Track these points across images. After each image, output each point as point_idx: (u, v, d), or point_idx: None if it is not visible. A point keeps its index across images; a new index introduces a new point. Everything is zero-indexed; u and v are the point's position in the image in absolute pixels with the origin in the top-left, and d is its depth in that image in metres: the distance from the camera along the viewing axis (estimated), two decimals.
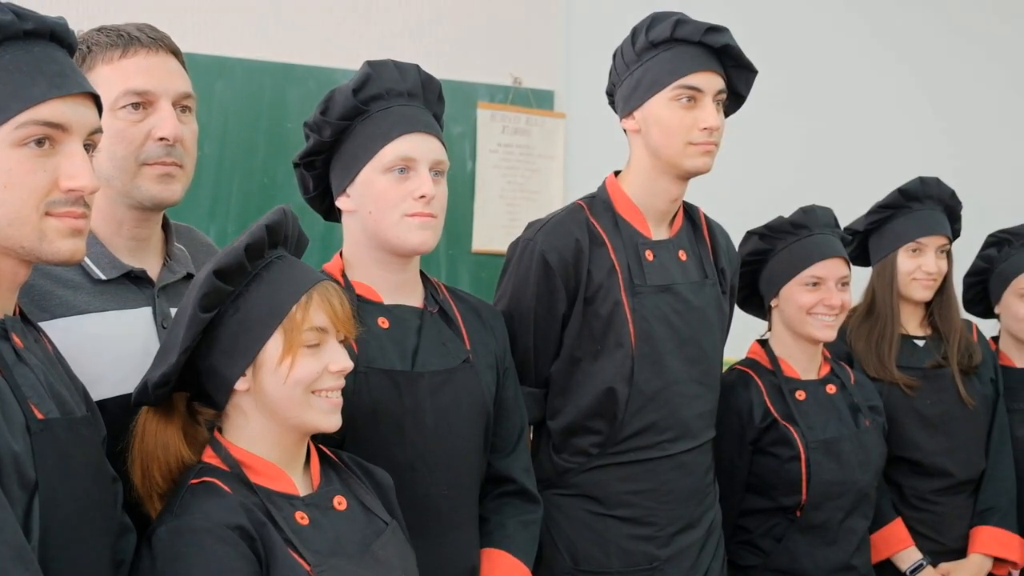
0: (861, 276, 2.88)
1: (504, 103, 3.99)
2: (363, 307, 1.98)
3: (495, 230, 3.93)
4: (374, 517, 1.77)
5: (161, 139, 1.80)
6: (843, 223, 2.76)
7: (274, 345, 1.66)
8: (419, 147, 1.98)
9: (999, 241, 3.01)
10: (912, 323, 2.88)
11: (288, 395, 1.67)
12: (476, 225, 3.95)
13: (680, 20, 2.25)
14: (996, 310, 3.02)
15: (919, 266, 2.81)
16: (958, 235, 2.94)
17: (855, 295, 2.87)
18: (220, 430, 1.73)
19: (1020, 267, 2.93)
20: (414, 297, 2.07)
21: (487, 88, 3.97)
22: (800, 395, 2.58)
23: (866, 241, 2.92)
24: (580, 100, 4.04)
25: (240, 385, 1.68)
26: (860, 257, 2.94)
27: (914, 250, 2.82)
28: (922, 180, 2.85)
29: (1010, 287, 2.95)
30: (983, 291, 3.05)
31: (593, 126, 2.76)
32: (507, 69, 4.01)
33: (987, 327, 3.08)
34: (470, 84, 3.93)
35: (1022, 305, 2.92)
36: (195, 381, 1.72)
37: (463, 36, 3.93)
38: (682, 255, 2.35)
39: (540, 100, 4.06)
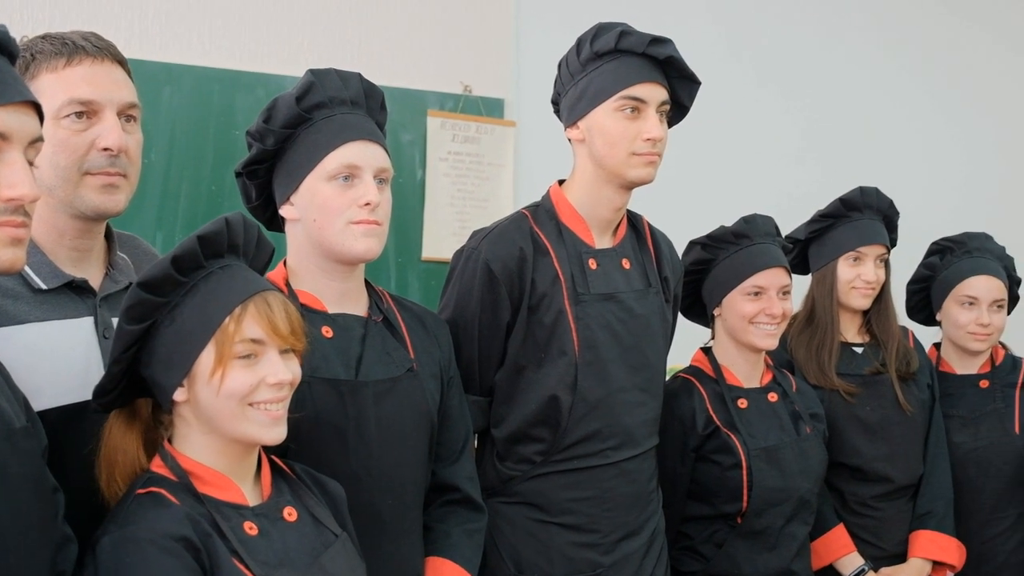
0: (801, 284, 2.92)
1: (454, 111, 3.99)
2: (307, 316, 1.95)
3: (445, 238, 3.93)
4: (324, 529, 1.77)
5: (105, 149, 1.79)
6: (784, 231, 2.79)
7: (207, 357, 1.65)
8: (363, 155, 1.98)
9: (942, 249, 3.06)
10: (851, 331, 2.92)
11: (222, 407, 1.66)
12: (426, 233, 3.95)
13: (624, 31, 2.26)
14: (938, 317, 3.06)
15: (858, 275, 2.85)
16: (895, 244, 2.98)
17: (795, 303, 2.91)
18: (171, 439, 1.72)
19: (961, 275, 2.97)
20: (358, 306, 2.07)
21: (437, 96, 3.97)
22: (742, 403, 2.61)
23: (806, 249, 2.96)
24: (530, 109, 4.06)
25: (178, 396, 1.68)
26: (800, 265, 2.97)
27: (854, 259, 2.85)
28: (862, 190, 2.89)
29: (951, 295, 2.99)
30: (925, 298, 3.10)
31: (543, 135, 2.79)
32: (457, 77, 4.02)
33: (930, 335, 3.13)
34: (420, 92, 3.93)
35: (962, 312, 2.96)
36: (149, 388, 1.71)
37: (413, 44, 3.93)
38: (626, 264, 2.37)
39: (490, 108, 4.07)
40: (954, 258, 3.01)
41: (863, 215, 2.88)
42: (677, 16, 4.25)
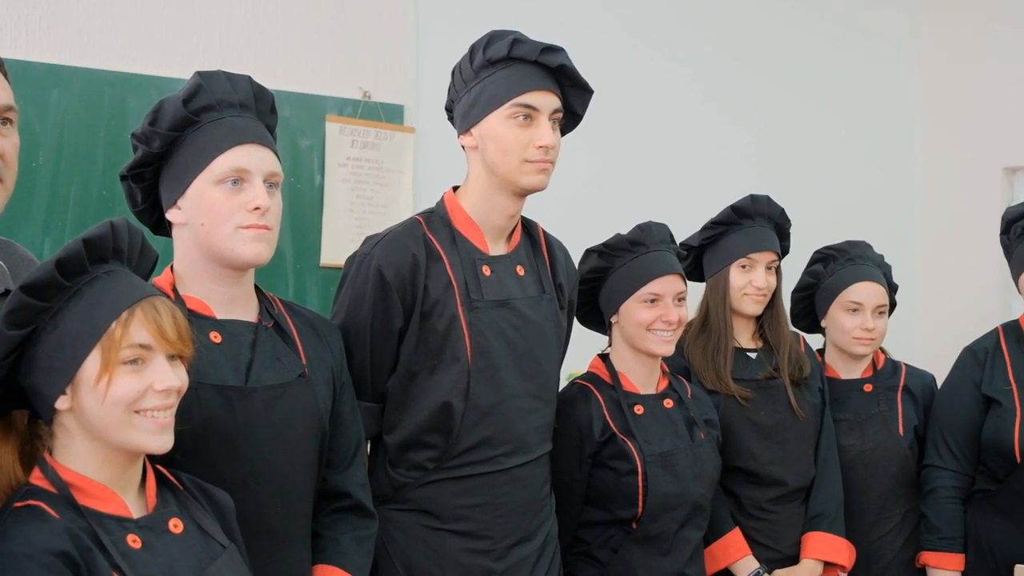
0: (696, 290, 2.96)
1: (353, 117, 3.97)
2: (195, 322, 1.92)
3: (344, 244, 3.89)
4: (211, 540, 1.74)
5: None
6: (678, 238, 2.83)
7: (92, 363, 1.62)
8: (252, 158, 1.95)
9: (825, 257, 3.11)
10: (744, 336, 2.96)
11: (108, 415, 1.62)
12: (325, 239, 3.91)
13: (517, 39, 2.27)
14: (822, 323, 3.12)
15: (750, 281, 2.88)
16: (787, 252, 3.04)
17: (691, 309, 2.95)
18: (51, 451, 1.67)
19: (846, 282, 3.03)
20: (248, 311, 2.04)
21: (336, 101, 3.94)
22: (639, 409, 2.63)
23: (700, 256, 3.00)
24: (430, 115, 4.04)
25: (61, 404, 1.63)
26: (695, 272, 3.01)
27: (744, 266, 2.89)
28: (753, 198, 2.93)
29: (836, 300, 3.04)
30: (809, 306, 3.15)
31: (443, 141, 2.78)
32: (356, 83, 3.99)
33: (813, 343, 3.19)
34: (319, 97, 3.90)
35: (848, 318, 3.02)
36: (26, 399, 1.67)
37: (312, 49, 3.89)
38: (520, 270, 2.38)
39: (390, 114, 4.05)
40: (838, 265, 3.07)
41: (754, 222, 2.92)
42: (579, 19, 4.30)
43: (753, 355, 2.95)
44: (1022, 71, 5.00)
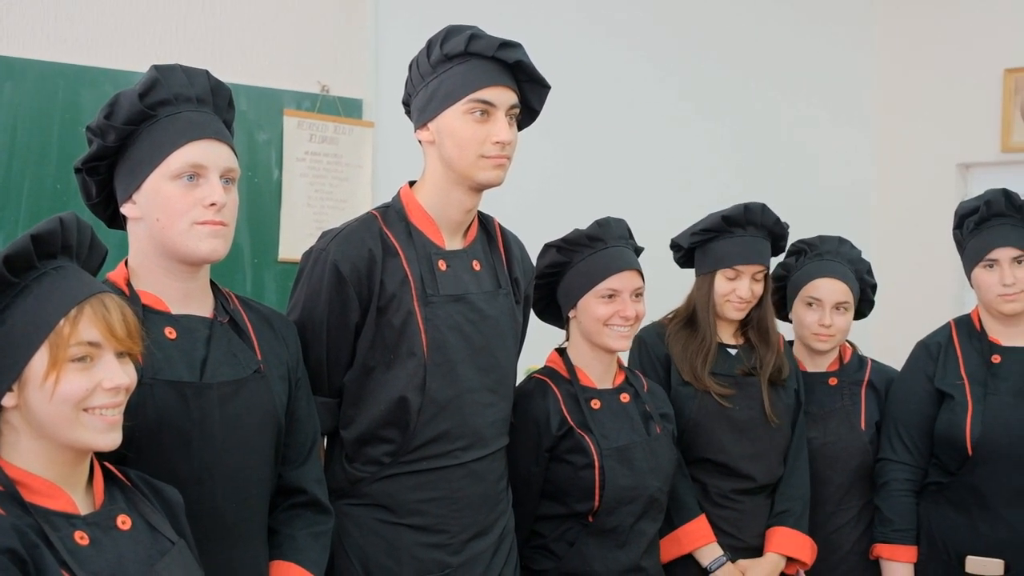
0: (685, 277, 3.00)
1: (311, 111, 3.95)
2: (149, 317, 1.93)
3: (302, 239, 3.87)
4: (160, 536, 1.73)
5: None
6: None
7: (40, 360, 1.61)
8: (209, 154, 1.95)
9: (798, 251, 3.14)
10: (727, 333, 2.98)
11: (55, 413, 1.61)
12: (283, 234, 3.90)
13: (474, 35, 2.28)
14: (789, 316, 3.15)
15: (734, 290, 2.89)
16: (782, 251, 3.06)
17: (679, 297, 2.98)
18: None
19: (809, 276, 3.06)
20: (203, 307, 2.03)
21: (294, 95, 3.92)
22: (595, 404, 2.64)
23: (692, 250, 3.00)
24: (389, 109, 4.02)
25: (7, 402, 1.62)
26: (688, 262, 3.03)
27: (732, 275, 2.90)
28: (746, 207, 2.91)
29: (799, 295, 3.07)
30: (783, 297, 3.18)
31: (402, 136, 2.77)
32: (314, 77, 3.97)
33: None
34: (276, 91, 3.87)
35: (807, 312, 3.05)
36: None
37: (269, 42, 3.87)
38: (476, 265, 2.38)
39: (348, 109, 4.04)
40: (806, 260, 3.10)
41: (745, 232, 2.91)
42: (538, 13, 4.30)
43: (733, 351, 2.97)
44: (975, 68, 5.05)
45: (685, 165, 4.74)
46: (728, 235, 2.91)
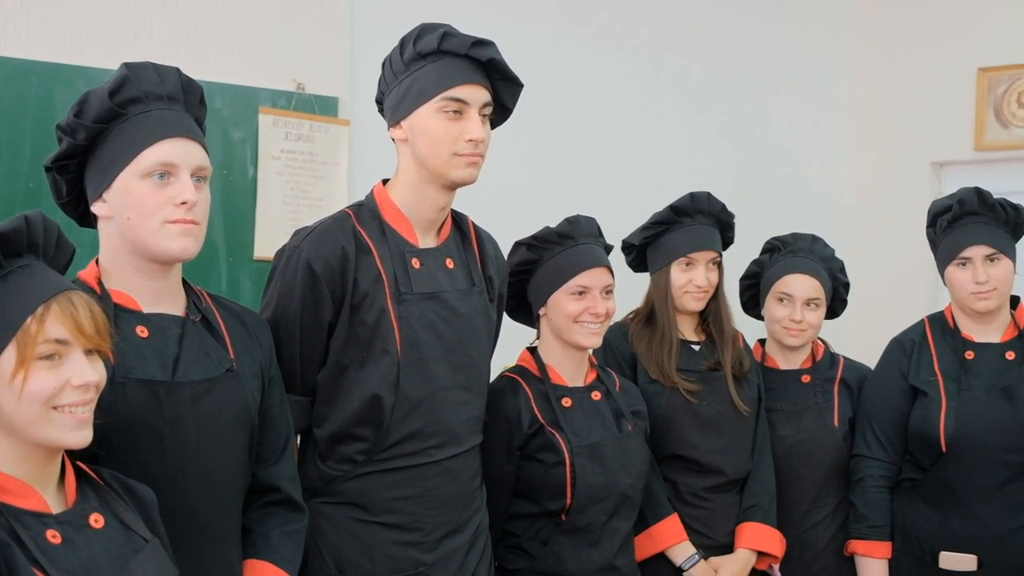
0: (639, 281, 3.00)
1: (287, 109, 3.94)
2: (121, 316, 1.93)
3: (277, 237, 3.85)
4: (133, 535, 1.72)
5: None
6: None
7: (7, 359, 1.60)
8: (180, 152, 1.94)
9: (771, 248, 3.16)
10: (688, 329, 2.99)
11: (25, 411, 1.60)
12: (258, 232, 3.88)
13: (447, 33, 2.28)
14: (762, 313, 3.17)
15: (690, 280, 2.91)
16: (731, 242, 3.07)
17: (635, 299, 2.98)
18: None
19: (782, 272, 3.07)
20: (175, 305, 2.03)
21: (269, 93, 3.90)
22: (567, 402, 2.64)
23: (644, 249, 3.02)
24: (365, 107, 3.99)
25: None
26: (639, 264, 3.05)
27: (686, 264, 2.92)
28: (692, 196, 2.94)
29: (771, 291, 3.09)
30: (756, 294, 3.19)
31: (378, 133, 2.75)
32: (290, 75, 3.96)
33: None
34: (251, 89, 3.86)
35: (778, 307, 3.06)
36: None
37: (244, 39, 3.85)
38: (449, 263, 2.39)
39: (324, 107, 4.02)
40: (779, 256, 3.12)
41: (694, 221, 2.94)
42: (513, 11, 4.30)
43: (696, 347, 2.98)
44: (950, 65, 5.08)
45: (659, 165, 4.74)
46: (678, 226, 2.94)
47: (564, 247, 2.65)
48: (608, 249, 2.75)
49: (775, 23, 5.20)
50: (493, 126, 2.39)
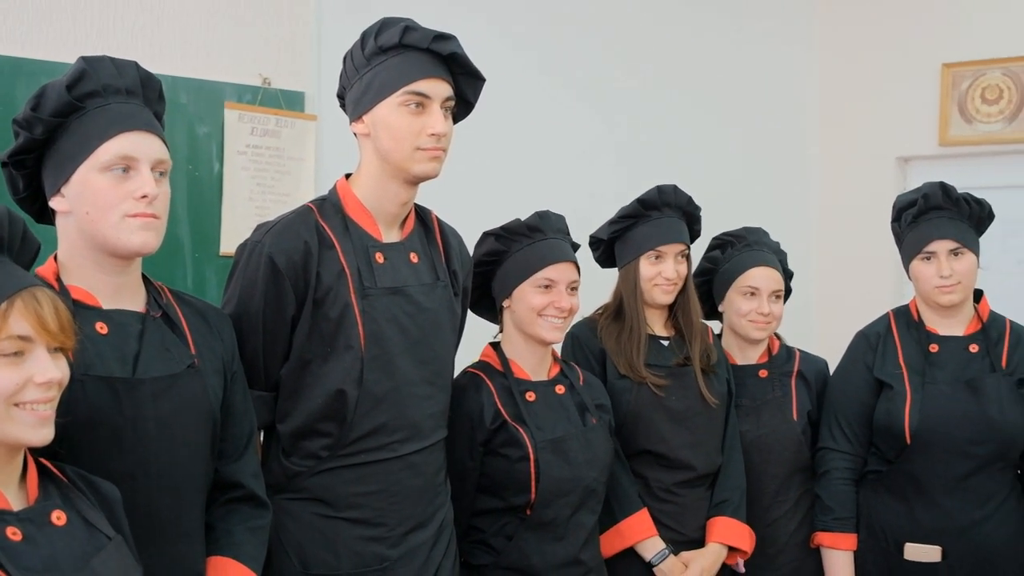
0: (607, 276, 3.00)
1: (253, 104, 3.92)
2: (80, 312, 1.90)
3: (244, 233, 3.72)
4: (96, 532, 1.71)
5: None
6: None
7: None
8: (139, 146, 1.93)
9: (723, 243, 3.17)
10: (657, 324, 2.99)
11: None
12: (224, 228, 3.85)
13: (409, 27, 2.27)
14: (720, 308, 3.17)
15: (659, 272, 2.91)
16: (698, 235, 3.07)
17: (603, 295, 2.99)
18: None
19: (743, 266, 3.08)
20: (135, 301, 2.01)
21: (235, 88, 3.88)
22: (530, 396, 2.64)
23: (612, 245, 3.02)
24: (331, 102, 3.93)
25: None
26: (607, 260, 3.05)
27: (655, 257, 2.92)
28: (659, 189, 2.95)
29: (733, 285, 3.09)
30: (708, 292, 3.20)
31: (345, 129, 2.75)
32: (256, 69, 3.93)
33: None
34: (217, 83, 3.83)
35: (744, 302, 3.07)
36: None
37: (209, 33, 3.82)
38: (413, 257, 2.38)
39: (290, 101, 4.00)
40: (736, 251, 3.12)
41: (662, 214, 2.94)
42: (485, 6, 4.29)
43: (666, 342, 2.98)
44: (914, 61, 5.12)
45: (618, 165, 4.74)
46: (645, 219, 2.94)
47: (533, 240, 2.65)
48: (575, 248, 2.75)
49: (737, 20, 5.21)
50: (456, 121, 2.39)
